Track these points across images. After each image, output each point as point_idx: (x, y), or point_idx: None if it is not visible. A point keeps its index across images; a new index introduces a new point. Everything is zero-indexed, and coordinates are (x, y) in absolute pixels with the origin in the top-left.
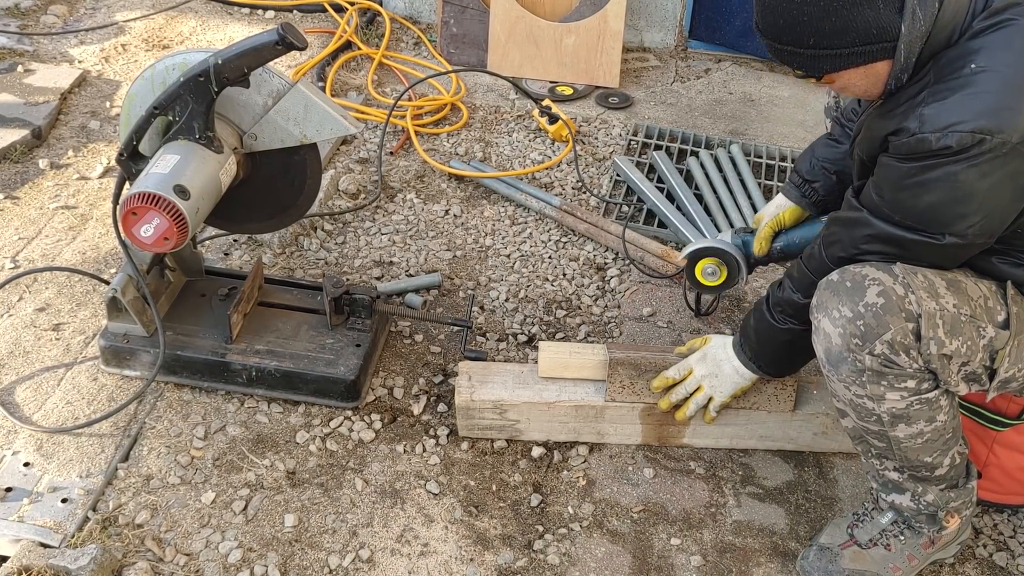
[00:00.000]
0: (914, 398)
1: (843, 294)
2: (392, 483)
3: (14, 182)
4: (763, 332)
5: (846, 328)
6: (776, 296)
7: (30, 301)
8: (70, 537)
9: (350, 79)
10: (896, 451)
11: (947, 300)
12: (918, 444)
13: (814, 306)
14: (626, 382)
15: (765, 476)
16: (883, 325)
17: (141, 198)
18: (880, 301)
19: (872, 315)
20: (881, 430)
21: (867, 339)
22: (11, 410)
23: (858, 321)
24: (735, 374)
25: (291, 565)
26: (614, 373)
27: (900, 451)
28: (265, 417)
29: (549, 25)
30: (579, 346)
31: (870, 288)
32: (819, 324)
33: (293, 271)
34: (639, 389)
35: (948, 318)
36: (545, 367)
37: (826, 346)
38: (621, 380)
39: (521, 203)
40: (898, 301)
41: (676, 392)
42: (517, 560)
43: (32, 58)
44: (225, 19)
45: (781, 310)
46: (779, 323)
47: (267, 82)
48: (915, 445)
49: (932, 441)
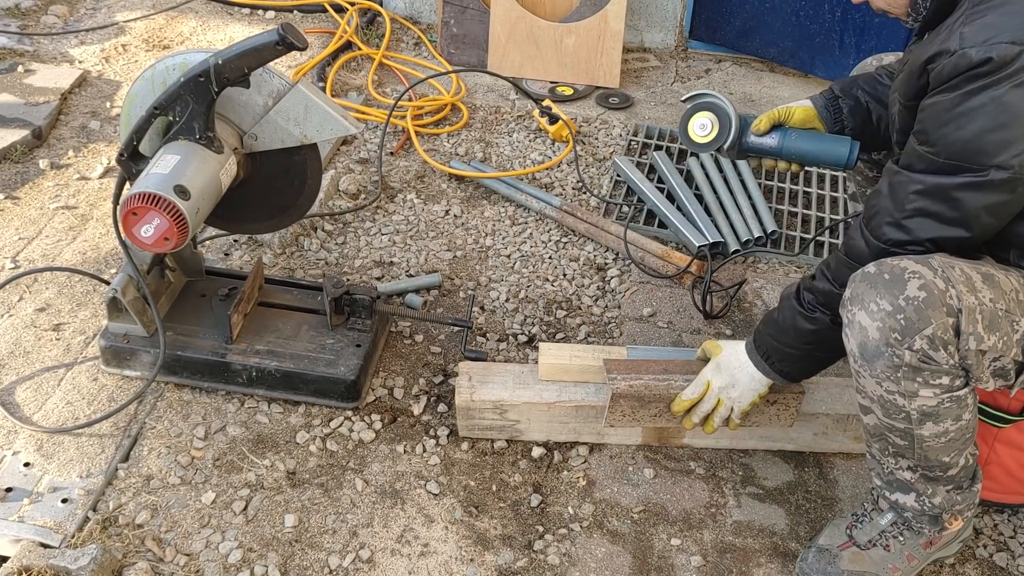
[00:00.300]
0: (946, 395)
1: (881, 287)
2: (392, 483)
3: (14, 182)
4: (787, 321)
5: (885, 322)
6: (808, 283)
7: (30, 301)
8: (70, 537)
9: (350, 79)
10: (917, 450)
11: (984, 294)
12: (941, 443)
13: (848, 299)
14: (627, 411)
15: (765, 476)
16: (924, 320)
17: (141, 198)
18: (922, 295)
19: (913, 309)
20: (907, 428)
21: (907, 333)
22: (11, 410)
23: (898, 315)
24: (752, 380)
25: (291, 565)
26: (615, 405)
27: (921, 450)
28: (265, 417)
29: (549, 25)
30: (580, 348)
31: (911, 281)
32: (853, 317)
33: (293, 271)
34: (640, 416)
35: (987, 312)
36: (545, 371)
37: (861, 340)
38: (622, 410)
39: (521, 203)
40: (940, 295)
41: (697, 412)
42: (517, 560)
43: (32, 58)
44: (225, 19)
45: (813, 297)
46: (807, 311)
47: (267, 82)
48: (938, 444)
49: (954, 440)
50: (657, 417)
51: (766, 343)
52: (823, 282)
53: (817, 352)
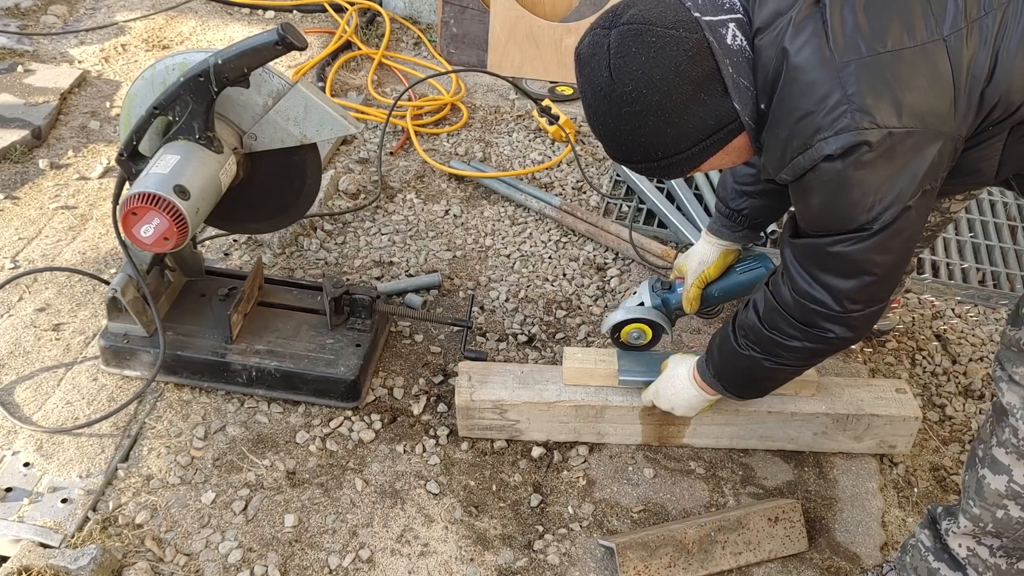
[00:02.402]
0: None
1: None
2: (392, 483)
3: (14, 182)
4: (726, 353)
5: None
6: (741, 319)
7: (30, 301)
8: (70, 537)
9: (350, 79)
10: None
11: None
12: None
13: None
14: (639, 566)
15: (765, 476)
16: None
17: (141, 198)
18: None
19: None
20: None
21: None
22: (11, 410)
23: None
24: (697, 394)
25: (291, 565)
26: (625, 560)
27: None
28: (265, 417)
29: (549, 25)
30: (604, 353)
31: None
32: None
33: (293, 271)
34: (655, 570)
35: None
36: (570, 376)
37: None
38: (635, 565)
39: (521, 203)
40: None
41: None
42: (517, 560)
43: (32, 58)
44: (225, 19)
45: (744, 335)
46: (742, 348)
47: (267, 82)
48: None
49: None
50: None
51: (713, 363)
52: (754, 319)
53: (759, 380)
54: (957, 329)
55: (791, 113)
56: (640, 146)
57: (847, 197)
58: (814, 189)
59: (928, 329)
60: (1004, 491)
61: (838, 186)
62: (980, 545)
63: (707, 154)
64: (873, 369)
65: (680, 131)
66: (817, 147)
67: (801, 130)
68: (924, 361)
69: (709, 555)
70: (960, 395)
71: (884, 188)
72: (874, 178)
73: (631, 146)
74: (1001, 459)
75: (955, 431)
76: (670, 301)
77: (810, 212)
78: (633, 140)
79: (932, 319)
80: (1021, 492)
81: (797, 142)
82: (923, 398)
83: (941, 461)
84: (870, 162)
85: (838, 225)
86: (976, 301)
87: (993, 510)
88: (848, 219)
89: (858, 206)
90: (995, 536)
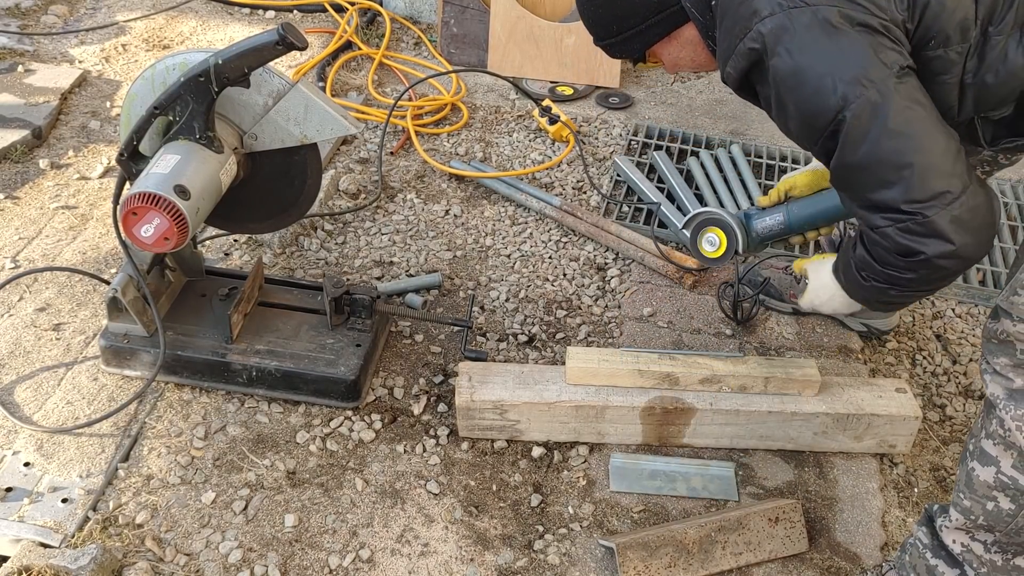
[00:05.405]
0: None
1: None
2: (392, 483)
3: (14, 182)
4: (852, 281)
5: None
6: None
7: (30, 301)
8: (70, 537)
9: (350, 79)
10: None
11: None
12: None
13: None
14: (640, 566)
15: (765, 476)
16: None
17: (141, 198)
18: None
19: None
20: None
21: None
22: (11, 410)
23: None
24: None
25: (291, 565)
26: (625, 560)
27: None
28: (265, 417)
29: (550, 25)
30: (608, 352)
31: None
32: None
33: (293, 271)
34: (655, 571)
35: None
36: (574, 375)
37: None
38: (635, 565)
39: (521, 203)
40: None
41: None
42: (517, 560)
43: (32, 58)
44: (225, 19)
45: (861, 267)
46: (865, 280)
47: (267, 82)
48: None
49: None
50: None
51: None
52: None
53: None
54: (957, 329)
55: (733, 2)
56: (600, 19)
57: (808, 85)
58: (781, 95)
59: (928, 329)
60: (992, 482)
61: (793, 78)
62: (974, 541)
63: (653, 33)
64: (873, 369)
65: (628, 7)
66: (756, 29)
67: (741, 14)
68: (924, 361)
69: (709, 555)
70: (960, 395)
71: (838, 64)
72: (821, 57)
73: (594, 19)
74: (989, 451)
75: (955, 431)
76: (752, 219)
77: (792, 121)
78: (594, 12)
79: (932, 319)
80: (1009, 483)
81: (739, 27)
82: (923, 398)
83: (941, 461)
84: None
85: (822, 121)
86: (976, 301)
87: (983, 502)
88: (824, 107)
89: (822, 91)
90: (987, 531)
